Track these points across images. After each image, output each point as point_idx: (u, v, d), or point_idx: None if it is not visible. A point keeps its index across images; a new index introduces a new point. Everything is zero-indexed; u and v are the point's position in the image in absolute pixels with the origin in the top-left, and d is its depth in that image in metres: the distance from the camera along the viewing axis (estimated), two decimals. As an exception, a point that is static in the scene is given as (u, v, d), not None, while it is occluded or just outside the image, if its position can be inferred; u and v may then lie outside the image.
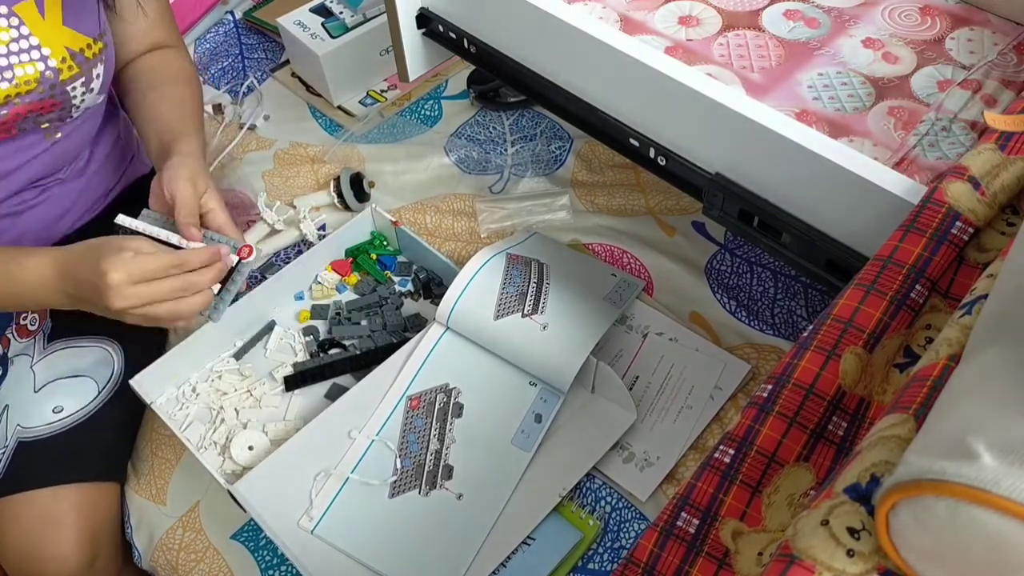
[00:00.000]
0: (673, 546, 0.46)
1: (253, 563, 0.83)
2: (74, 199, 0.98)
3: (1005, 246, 0.52)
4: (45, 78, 0.81)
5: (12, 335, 0.95)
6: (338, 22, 1.23)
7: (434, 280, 0.99)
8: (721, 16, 0.86)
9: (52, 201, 0.95)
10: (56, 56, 0.81)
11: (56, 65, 0.81)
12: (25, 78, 0.80)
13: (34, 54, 0.80)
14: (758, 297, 0.96)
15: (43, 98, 0.82)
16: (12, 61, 0.79)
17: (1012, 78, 0.75)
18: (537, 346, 0.85)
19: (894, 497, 0.33)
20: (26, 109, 0.81)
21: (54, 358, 0.92)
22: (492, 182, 1.13)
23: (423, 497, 0.79)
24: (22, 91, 0.80)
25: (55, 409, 0.89)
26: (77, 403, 0.90)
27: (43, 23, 0.81)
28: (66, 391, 0.90)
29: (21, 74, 0.79)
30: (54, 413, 0.89)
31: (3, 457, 0.87)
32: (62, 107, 0.85)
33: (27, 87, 0.80)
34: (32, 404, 0.89)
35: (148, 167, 1.10)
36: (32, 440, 0.87)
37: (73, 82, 0.84)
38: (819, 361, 0.49)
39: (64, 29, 0.82)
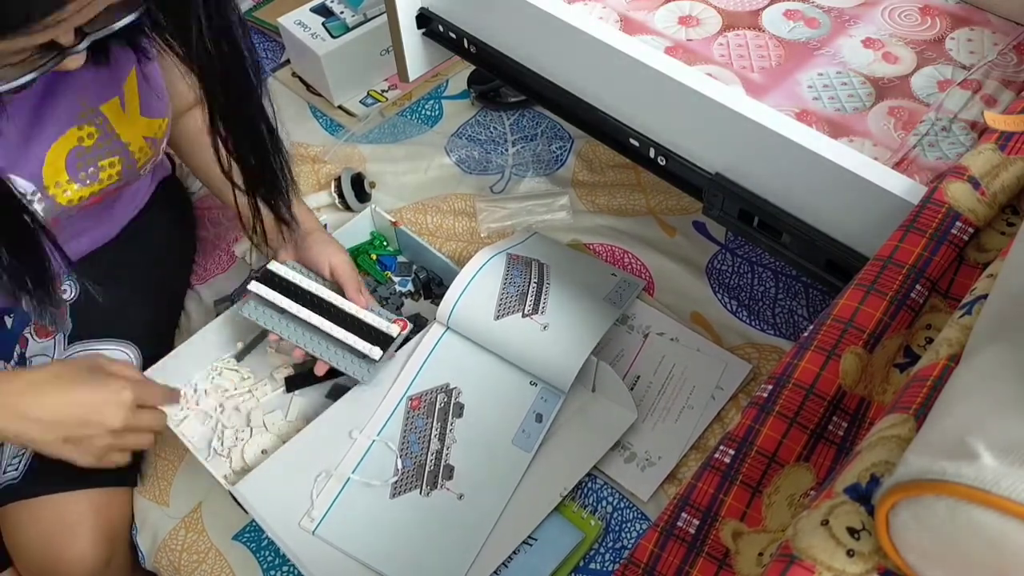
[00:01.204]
0: (673, 546, 0.46)
1: (255, 564, 0.83)
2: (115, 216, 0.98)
3: (1005, 246, 0.52)
4: (126, 169, 0.83)
5: (31, 335, 0.94)
6: (339, 22, 1.23)
7: (434, 280, 0.99)
8: (721, 16, 0.86)
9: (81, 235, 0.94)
10: (135, 147, 0.83)
11: (135, 156, 0.83)
12: (109, 174, 0.81)
13: (116, 148, 0.81)
14: (759, 297, 0.96)
15: (119, 184, 0.84)
16: (99, 160, 0.80)
17: (1012, 78, 0.75)
18: (538, 346, 0.85)
19: (894, 497, 0.33)
20: (104, 197, 0.83)
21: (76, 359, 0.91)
22: (493, 182, 1.13)
23: (424, 497, 0.79)
24: (105, 186, 0.82)
25: None
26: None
27: (124, 117, 0.81)
28: None
29: (105, 172, 0.81)
30: None
31: (23, 461, 0.87)
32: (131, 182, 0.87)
33: (110, 181, 0.82)
34: None
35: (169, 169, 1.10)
36: None
37: (147, 164, 0.85)
38: (819, 361, 0.49)
39: (141, 119, 0.83)
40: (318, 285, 0.87)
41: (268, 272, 0.87)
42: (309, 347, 0.85)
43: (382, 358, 0.84)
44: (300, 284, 0.87)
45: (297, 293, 0.86)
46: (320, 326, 0.84)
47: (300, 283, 0.87)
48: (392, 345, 0.85)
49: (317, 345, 0.85)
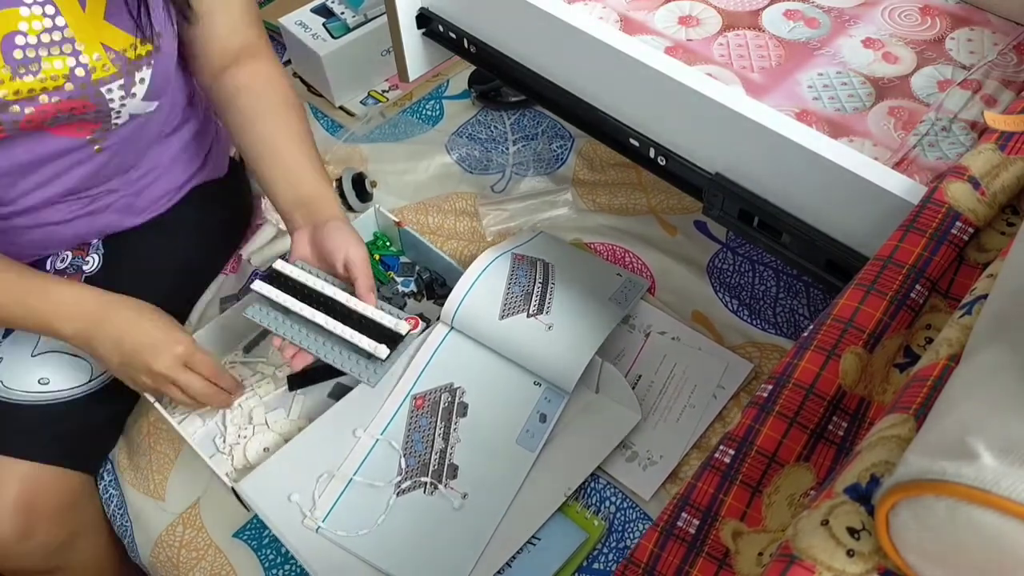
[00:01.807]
0: (673, 546, 0.47)
1: (256, 561, 0.83)
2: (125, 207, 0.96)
3: (1005, 246, 0.53)
4: (75, 75, 0.76)
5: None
6: (339, 22, 1.23)
7: (437, 281, 0.99)
8: (721, 16, 0.86)
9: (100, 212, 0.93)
10: (89, 52, 0.76)
11: (89, 63, 0.76)
12: (52, 72, 0.74)
13: (66, 47, 0.75)
14: (760, 296, 0.96)
15: (73, 96, 0.77)
16: (41, 53, 0.74)
17: (1012, 78, 0.75)
18: (542, 346, 0.85)
19: (894, 497, 0.33)
20: (54, 108, 0.76)
21: None
22: (494, 181, 1.13)
23: (428, 496, 0.80)
24: (49, 86, 0.75)
25: (41, 380, 0.88)
26: (64, 382, 0.89)
27: (82, 15, 0.75)
28: (58, 366, 0.89)
29: (48, 68, 0.74)
30: (39, 384, 0.88)
31: None
32: (97, 109, 0.80)
33: (54, 83, 0.75)
34: (23, 366, 0.88)
35: (223, 171, 1.06)
36: (8, 402, 0.86)
37: (108, 83, 0.78)
38: (819, 361, 0.49)
39: (105, 25, 0.76)
40: (325, 283, 0.83)
41: (273, 271, 0.84)
42: (313, 348, 0.82)
43: (389, 357, 0.80)
44: (306, 283, 0.83)
45: (303, 293, 0.83)
46: (325, 324, 0.81)
47: (307, 282, 0.83)
48: (401, 344, 0.81)
49: (322, 347, 0.82)
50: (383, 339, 0.79)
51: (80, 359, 0.91)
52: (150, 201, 0.98)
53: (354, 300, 0.82)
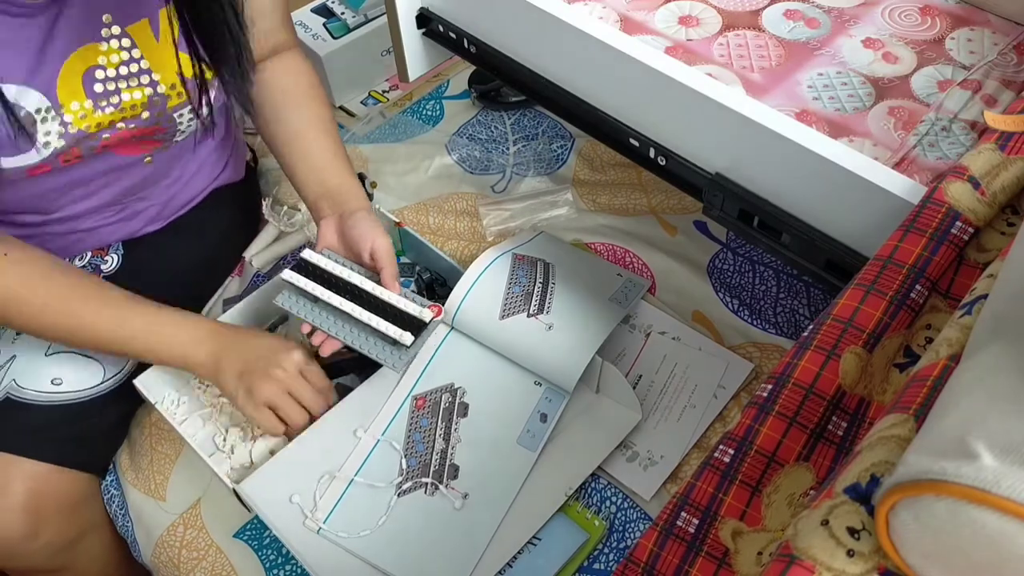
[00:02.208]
0: (673, 546, 0.47)
1: (257, 562, 0.83)
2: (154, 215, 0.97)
3: (1005, 246, 0.53)
4: (152, 104, 0.79)
5: None
6: (339, 23, 1.23)
7: (437, 281, 0.99)
8: (721, 16, 0.86)
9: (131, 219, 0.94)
10: (165, 82, 0.79)
11: (164, 91, 0.79)
12: (132, 103, 0.78)
13: (143, 78, 0.78)
14: (760, 296, 0.96)
15: (148, 124, 0.80)
16: (120, 86, 0.77)
17: (1012, 78, 0.75)
18: (542, 346, 0.85)
19: (894, 497, 0.33)
20: (130, 134, 0.80)
21: None
22: (494, 181, 1.13)
23: (429, 497, 0.80)
24: (128, 116, 0.78)
25: (54, 380, 0.88)
26: (78, 383, 0.89)
27: (156, 46, 0.78)
28: (72, 367, 0.89)
29: (128, 99, 0.77)
30: (52, 384, 0.88)
31: None
32: (166, 132, 0.83)
33: (133, 112, 0.78)
34: (36, 366, 0.88)
35: (240, 175, 1.08)
36: (20, 401, 0.86)
37: (181, 108, 0.82)
38: (819, 361, 0.49)
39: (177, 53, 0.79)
40: (351, 272, 0.86)
41: (302, 260, 0.86)
42: (341, 335, 0.83)
43: (414, 344, 0.82)
44: (334, 272, 0.85)
45: (330, 281, 0.85)
46: (352, 312, 0.83)
47: (334, 271, 0.85)
48: (425, 331, 0.83)
49: (348, 333, 0.84)
50: (408, 326, 0.82)
51: (92, 360, 0.91)
52: (175, 208, 0.99)
53: (380, 288, 0.84)
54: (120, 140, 0.80)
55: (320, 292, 0.84)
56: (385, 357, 0.82)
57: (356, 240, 0.85)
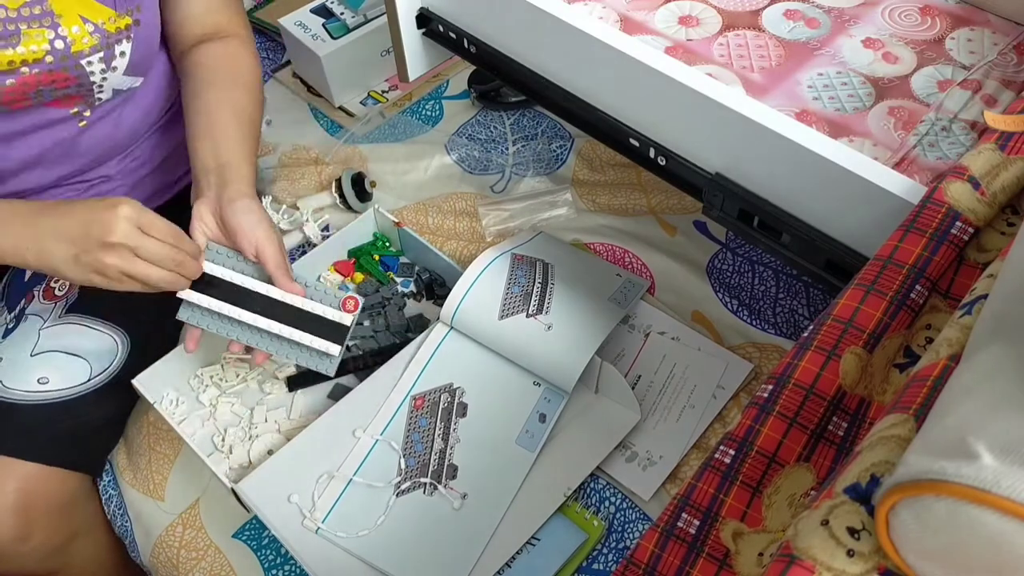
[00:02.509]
0: (674, 547, 0.46)
1: (256, 562, 0.83)
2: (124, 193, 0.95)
3: (1005, 246, 0.53)
4: (55, 48, 0.77)
5: (38, 295, 0.93)
6: (339, 23, 1.23)
7: (436, 281, 0.99)
8: (721, 16, 0.86)
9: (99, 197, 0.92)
10: (68, 25, 0.77)
11: (68, 35, 0.77)
12: (32, 44, 0.76)
13: (46, 20, 0.76)
14: (760, 296, 0.96)
15: (54, 69, 0.78)
16: (21, 26, 0.75)
17: (1012, 78, 0.75)
18: (541, 346, 0.85)
19: (894, 497, 0.33)
20: (35, 79, 0.77)
21: (63, 329, 0.90)
22: (493, 181, 1.13)
23: (427, 497, 0.80)
24: (29, 59, 0.76)
25: (40, 379, 0.87)
26: (64, 381, 0.88)
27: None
28: (58, 366, 0.88)
29: (28, 40, 0.75)
30: (39, 383, 0.87)
31: None
32: (78, 83, 0.81)
33: (34, 55, 0.76)
34: (22, 366, 0.87)
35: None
36: (7, 402, 0.86)
37: (88, 56, 0.79)
38: (819, 361, 0.49)
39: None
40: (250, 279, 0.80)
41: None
42: (262, 346, 0.81)
43: (340, 352, 0.81)
44: (234, 281, 0.80)
45: (233, 291, 0.80)
46: (268, 328, 0.79)
47: (234, 280, 0.80)
48: (348, 334, 0.81)
49: (270, 344, 0.81)
50: (329, 333, 0.79)
51: (78, 358, 0.90)
52: (147, 194, 0.98)
53: (288, 295, 0.80)
54: (27, 87, 0.77)
55: (227, 309, 0.79)
56: (316, 364, 0.81)
57: (235, 234, 0.80)
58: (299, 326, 0.80)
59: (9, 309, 0.94)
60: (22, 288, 0.94)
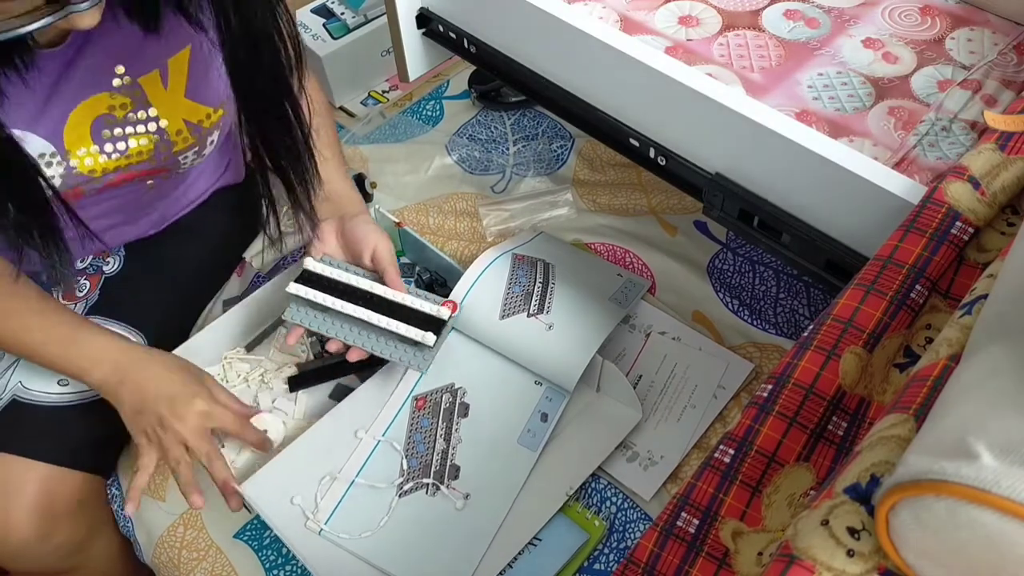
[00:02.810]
0: (673, 546, 0.47)
1: (257, 562, 0.83)
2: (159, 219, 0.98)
3: (1005, 246, 0.53)
4: (158, 150, 0.80)
5: (58, 295, 0.94)
6: (339, 23, 1.23)
7: (437, 281, 0.99)
8: (721, 16, 0.86)
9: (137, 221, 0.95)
10: (172, 129, 0.80)
11: (171, 138, 0.80)
12: (139, 149, 0.79)
13: (151, 126, 0.79)
14: (760, 296, 0.96)
15: (154, 167, 0.82)
16: (128, 132, 0.78)
17: (1012, 78, 0.75)
18: (542, 346, 0.85)
19: (894, 497, 0.33)
20: (134, 175, 0.81)
21: None
22: (494, 182, 1.13)
23: (430, 497, 0.80)
24: (134, 161, 0.80)
25: (60, 381, 0.88)
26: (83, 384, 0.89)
27: (165, 94, 0.79)
28: None
29: (135, 145, 0.79)
30: (59, 385, 0.88)
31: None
32: (169, 172, 0.85)
33: (139, 157, 0.80)
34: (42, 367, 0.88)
35: (240, 177, 1.08)
36: (26, 403, 0.86)
37: (186, 152, 0.83)
38: (819, 361, 0.49)
39: (185, 102, 0.80)
40: (357, 277, 0.85)
41: (306, 272, 0.85)
42: (359, 342, 0.82)
43: (436, 343, 0.81)
44: (339, 279, 0.84)
45: (338, 288, 0.85)
46: (368, 319, 0.82)
47: (339, 278, 0.84)
48: (444, 328, 0.83)
49: (367, 339, 0.82)
50: (427, 326, 0.81)
51: None
52: (177, 211, 1.00)
53: (391, 291, 0.84)
54: (125, 181, 0.82)
55: (330, 302, 0.83)
56: (409, 359, 0.82)
57: (357, 242, 0.86)
58: (397, 318, 0.82)
59: None
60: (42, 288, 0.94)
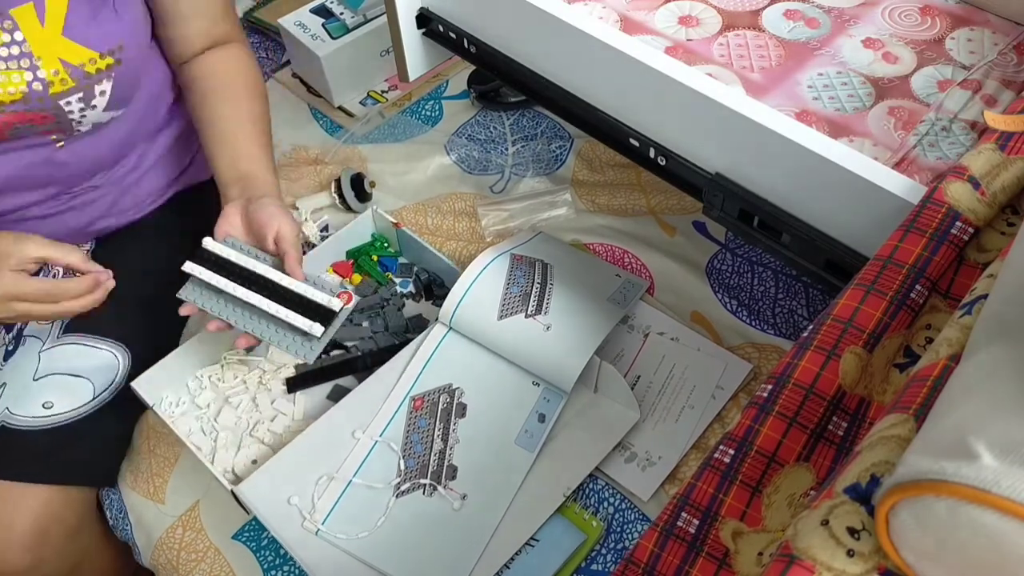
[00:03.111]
0: (673, 546, 0.46)
1: (255, 563, 0.83)
2: (110, 204, 0.96)
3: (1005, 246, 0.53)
4: (32, 90, 0.78)
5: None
6: (339, 23, 1.23)
7: (435, 282, 0.99)
8: (721, 16, 0.86)
9: (84, 207, 0.94)
10: (47, 67, 0.78)
11: (46, 77, 0.78)
12: (10, 86, 0.77)
13: (24, 62, 0.77)
14: (759, 297, 0.96)
15: (30, 109, 0.79)
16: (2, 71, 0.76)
17: (1012, 78, 0.75)
18: (540, 346, 0.85)
19: (894, 497, 0.33)
20: (14, 119, 0.79)
21: (62, 351, 0.91)
22: (493, 182, 1.13)
23: (427, 497, 0.80)
24: (6, 100, 0.77)
25: (45, 404, 0.87)
26: (69, 403, 0.88)
27: (41, 31, 0.77)
28: (62, 389, 0.89)
29: (6, 81, 0.76)
30: (44, 408, 0.87)
31: None
32: (56, 120, 0.82)
33: (11, 96, 0.77)
34: (26, 392, 0.88)
35: (206, 175, 1.07)
36: (14, 428, 0.86)
37: (66, 96, 0.80)
38: (819, 361, 0.49)
39: (62, 40, 0.78)
40: (255, 261, 0.82)
41: (203, 250, 0.83)
42: (248, 327, 0.81)
43: (324, 334, 0.79)
44: (237, 261, 0.81)
45: (234, 271, 0.81)
46: (258, 304, 0.80)
47: (237, 260, 0.82)
48: (335, 320, 0.80)
49: (256, 325, 0.81)
50: (317, 316, 0.79)
51: (82, 379, 0.90)
52: (135, 201, 0.99)
53: (286, 278, 0.81)
54: (5, 125, 0.79)
55: (223, 283, 0.81)
56: (296, 348, 0.80)
57: (260, 225, 0.82)
58: (289, 306, 0.80)
59: (7, 329, 0.94)
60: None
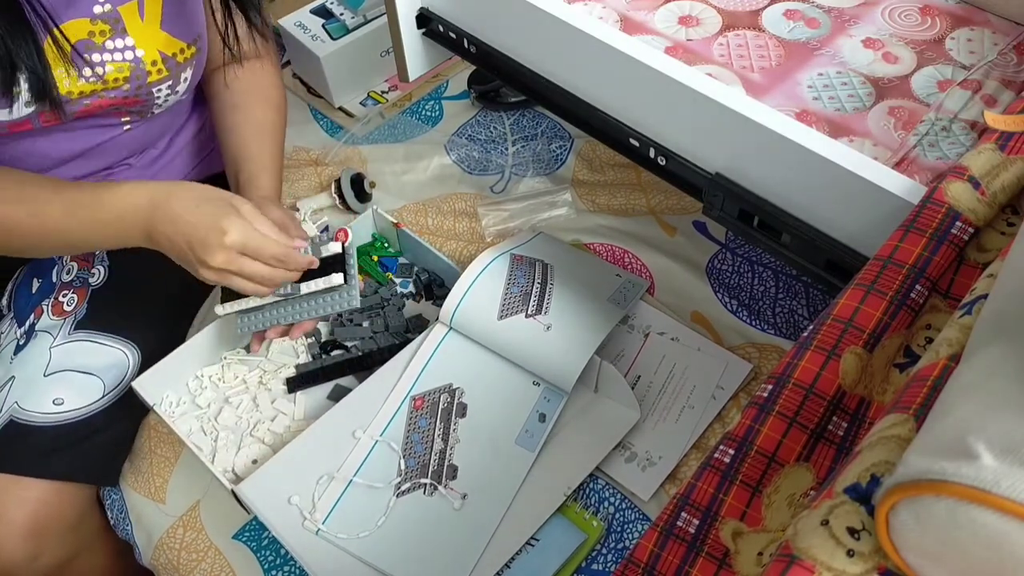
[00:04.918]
0: (673, 546, 0.46)
1: (255, 563, 0.83)
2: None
3: (1005, 246, 0.53)
4: (134, 78, 0.83)
5: (47, 309, 0.94)
6: (339, 23, 1.23)
7: (435, 282, 0.99)
8: (721, 16, 0.86)
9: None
10: (148, 59, 0.84)
11: (147, 68, 0.84)
12: (114, 76, 0.82)
13: (128, 55, 0.82)
14: (759, 296, 0.96)
15: (127, 95, 0.84)
16: (106, 59, 0.81)
17: (1012, 78, 0.75)
18: (541, 346, 0.85)
19: (894, 497, 0.33)
20: (108, 103, 0.84)
21: (73, 347, 0.91)
22: (493, 182, 1.13)
23: (427, 497, 0.80)
24: (109, 87, 0.82)
25: (55, 400, 0.88)
26: (78, 401, 0.89)
27: (142, 26, 0.83)
28: (71, 386, 0.89)
29: (112, 71, 0.81)
30: (54, 404, 0.88)
31: None
32: (144, 104, 0.87)
33: (115, 84, 0.82)
34: (37, 387, 0.88)
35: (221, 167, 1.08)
36: (23, 423, 0.86)
37: (160, 84, 0.86)
38: (819, 361, 0.49)
39: (161, 33, 0.84)
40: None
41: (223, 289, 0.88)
42: (296, 317, 0.86)
43: (347, 277, 0.85)
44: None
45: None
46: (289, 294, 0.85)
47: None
48: (348, 259, 0.86)
49: (300, 311, 0.86)
50: (332, 269, 0.85)
51: (92, 376, 0.90)
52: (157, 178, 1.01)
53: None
54: (100, 108, 0.84)
55: (254, 302, 0.86)
56: (338, 305, 0.85)
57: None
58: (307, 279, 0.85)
59: (19, 323, 0.94)
60: (30, 301, 0.95)
